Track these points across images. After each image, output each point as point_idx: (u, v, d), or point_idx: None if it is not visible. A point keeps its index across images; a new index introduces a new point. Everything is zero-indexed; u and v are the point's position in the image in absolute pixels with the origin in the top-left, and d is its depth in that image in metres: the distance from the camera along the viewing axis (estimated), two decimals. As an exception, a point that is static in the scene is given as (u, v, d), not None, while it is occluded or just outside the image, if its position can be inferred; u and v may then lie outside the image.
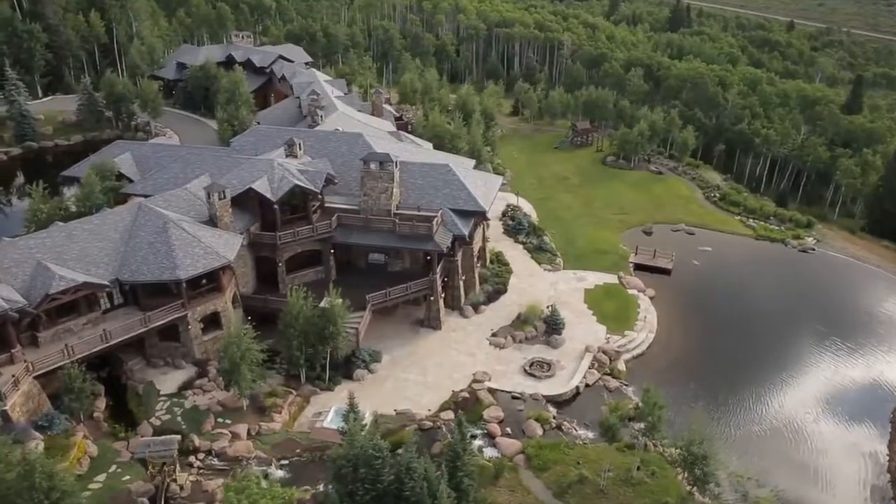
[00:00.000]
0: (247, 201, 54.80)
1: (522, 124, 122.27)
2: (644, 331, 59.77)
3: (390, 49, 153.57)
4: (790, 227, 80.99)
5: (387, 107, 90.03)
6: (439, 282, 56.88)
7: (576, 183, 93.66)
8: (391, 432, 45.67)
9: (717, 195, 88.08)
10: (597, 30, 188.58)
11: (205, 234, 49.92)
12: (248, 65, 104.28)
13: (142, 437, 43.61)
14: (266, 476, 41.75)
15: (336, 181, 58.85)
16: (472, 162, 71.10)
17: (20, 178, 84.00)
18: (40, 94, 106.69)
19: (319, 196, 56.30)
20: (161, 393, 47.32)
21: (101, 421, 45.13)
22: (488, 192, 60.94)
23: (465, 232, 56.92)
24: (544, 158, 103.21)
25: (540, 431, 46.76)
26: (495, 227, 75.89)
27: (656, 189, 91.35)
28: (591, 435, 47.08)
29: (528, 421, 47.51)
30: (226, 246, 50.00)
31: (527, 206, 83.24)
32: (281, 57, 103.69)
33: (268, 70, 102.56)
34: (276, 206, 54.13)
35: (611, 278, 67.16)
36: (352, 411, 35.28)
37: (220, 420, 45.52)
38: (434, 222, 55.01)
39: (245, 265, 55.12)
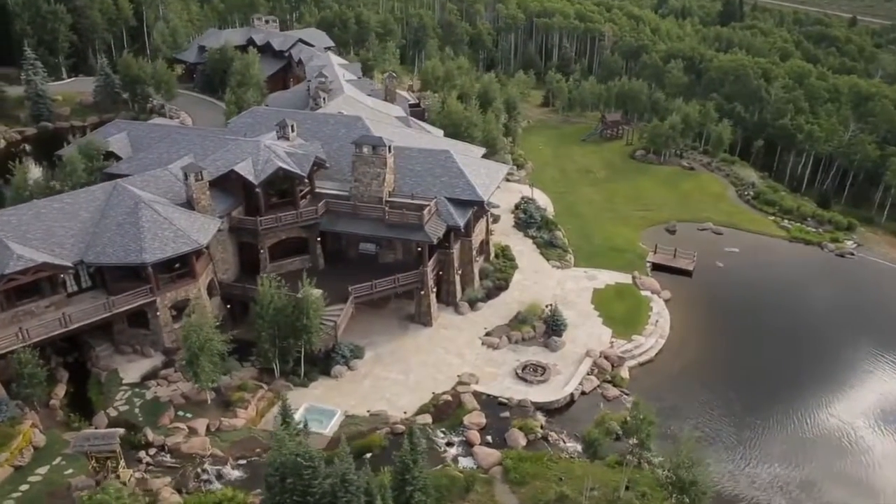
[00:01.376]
0: (230, 184, 52.08)
1: (552, 115, 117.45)
2: (654, 336, 54.99)
3: (423, 37, 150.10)
4: (829, 229, 74.60)
5: (402, 92, 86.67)
6: (431, 275, 53.20)
7: (600, 177, 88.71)
8: (361, 435, 42.44)
9: (751, 193, 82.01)
10: (641, 21, 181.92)
11: (179, 216, 47.29)
12: (267, 49, 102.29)
13: (96, 427, 41.31)
14: (219, 476, 39.08)
15: (327, 165, 55.74)
16: (482, 150, 67.09)
17: (31, 158, 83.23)
18: (64, 75, 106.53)
19: (306, 180, 53.13)
20: (124, 382, 45.00)
21: (56, 409, 42.98)
22: (490, 181, 56.95)
23: (461, 223, 53.16)
24: (570, 151, 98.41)
25: (523, 442, 42.84)
26: (506, 221, 71.91)
27: (685, 185, 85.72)
28: (580, 448, 42.78)
29: (511, 430, 43.57)
30: (200, 230, 47.29)
31: (543, 200, 78.90)
32: (301, 41, 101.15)
33: (286, 54, 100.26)
34: (258, 190, 51.26)
35: (624, 278, 62.43)
36: (285, 413, 31.88)
37: (180, 414, 42.86)
38: (425, 211, 51.35)
39: (225, 251, 52.42)
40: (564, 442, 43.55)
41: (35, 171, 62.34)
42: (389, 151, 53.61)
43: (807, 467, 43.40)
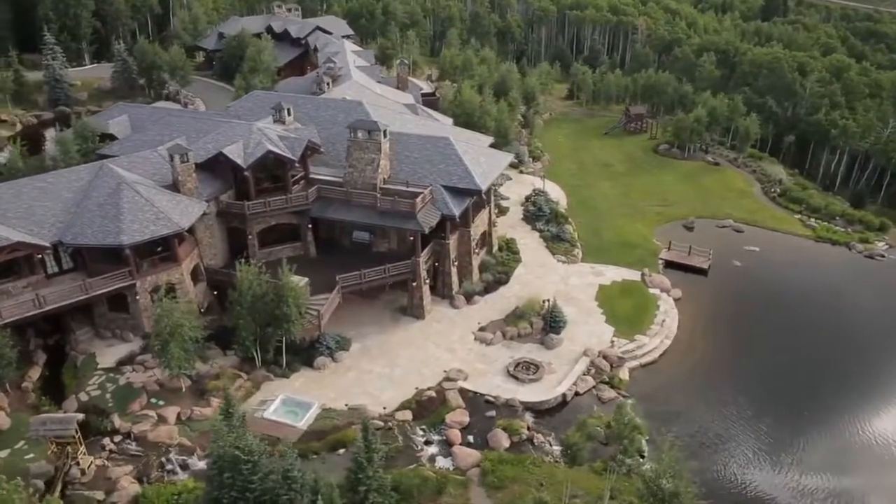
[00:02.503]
0: (219, 167, 50.69)
1: (576, 108, 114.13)
2: (659, 336, 52.02)
3: (449, 28, 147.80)
4: (859, 229, 70.27)
5: (417, 81, 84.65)
6: (423, 266, 51.07)
7: (619, 171, 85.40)
8: (336, 429, 40.59)
9: (777, 190, 77.93)
10: (677, 15, 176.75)
11: (161, 198, 46.02)
12: (286, 36, 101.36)
13: (65, 412, 40.21)
14: (185, 467, 37.63)
15: (321, 150, 54.07)
16: (489, 139, 64.70)
17: (46, 141, 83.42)
18: (87, 61, 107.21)
19: (297, 164, 51.43)
20: (99, 367, 43.87)
21: (29, 392, 42.08)
22: (490, 170, 54.60)
23: (456, 212, 50.90)
24: (591, 144, 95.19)
25: (506, 443, 40.49)
26: (515, 213, 69.45)
27: (708, 181, 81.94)
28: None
29: (494, 430, 41.25)
30: (183, 213, 45.94)
31: (557, 193, 76.07)
32: (319, 28, 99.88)
33: (303, 41, 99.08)
34: (246, 173, 49.75)
35: (633, 275, 59.44)
36: (228, 404, 30.09)
37: (152, 401, 41.56)
38: (418, 199, 49.22)
39: (213, 236, 51.08)
40: (551, 445, 40.99)
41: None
42: (385, 136, 51.67)
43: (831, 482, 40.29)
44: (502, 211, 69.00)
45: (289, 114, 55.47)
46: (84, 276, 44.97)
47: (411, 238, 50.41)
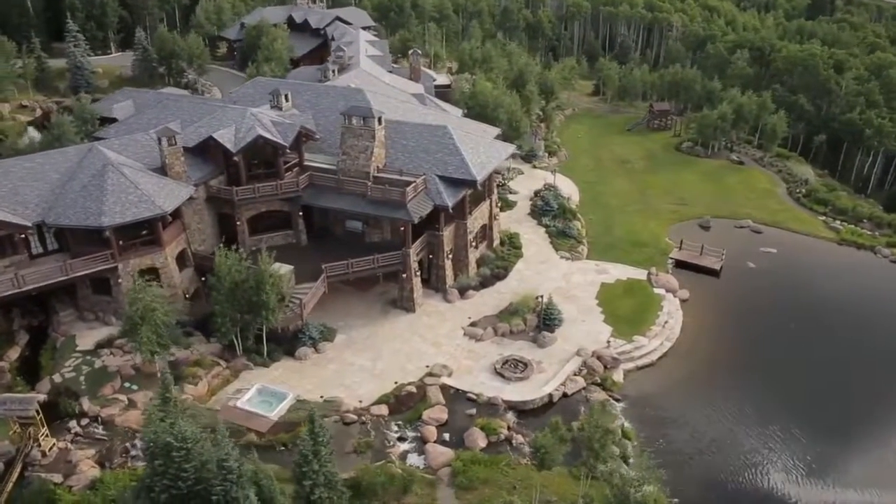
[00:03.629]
0: (210, 152, 50.04)
1: (601, 104, 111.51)
2: (660, 338, 49.65)
3: (479, 22, 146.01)
4: (887, 233, 66.49)
5: (429, 71, 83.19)
6: (415, 257, 49.58)
7: (638, 168, 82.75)
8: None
9: (802, 191, 74.36)
10: (715, 12, 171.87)
11: (147, 181, 45.40)
12: (306, 27, 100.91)
13: (37, 393, 39.80)
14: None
15: (316, 137, 53.03)
16: (495, 131, 62.91)
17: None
18: (113, 50, 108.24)
19: (288, 150, 50.39)
20: (78, 348, 43.40)
21: (5, 371, 41.77)
22: (488, 160, 52.81)
23: (449, 202, 49.25)
24: (611, 140, 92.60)
25: (483, 443, 38.74)
26: (523, 207, 67.55)
27: (730, 180, 78.75)
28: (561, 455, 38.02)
29: (471, 429, 39.54)
30: (167, 196, 45.25)
31: (570, 188, 74.04)
32: (338, 19, 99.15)
33: (323, 32, 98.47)
34: (236, 158, 48.91)
35: (639, 274, 57.10)
36: (165, 388, 28.96)
37: (126, 385, 40.88)
38: (409, 188, 47.74)
39: (202, 221, 50.42)
40: (531, 447, 39.08)
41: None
42: (379, 123, 50.33)
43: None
44: (509, 205, 67.22)
45: (287, 100, 54.49)
46: (68, 258, 44.63)
47: (402, 228, 48.94)
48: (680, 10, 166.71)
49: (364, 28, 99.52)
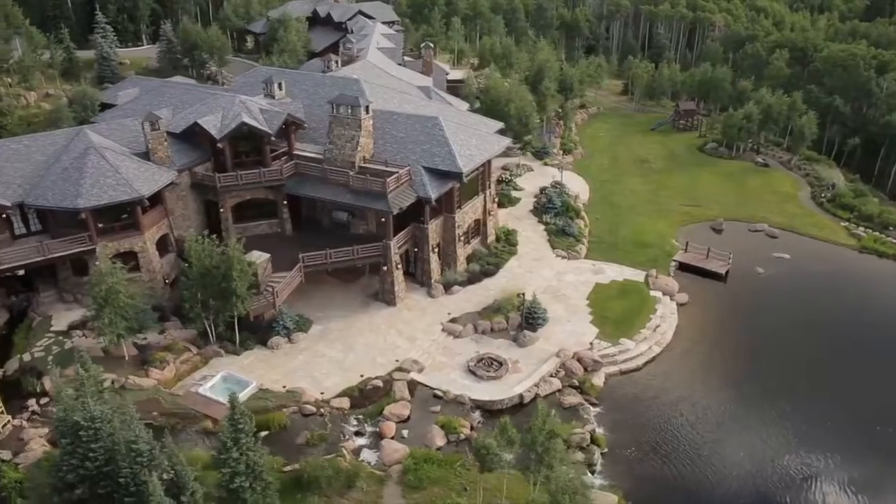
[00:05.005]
0: (197, 138, 49.94)
1: (629, 104, 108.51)
2: (648, 342, 47.45)
3: (512, 20, 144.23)
4: (916, 242, 62.55)
5: (442, 65, 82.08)
6: (396, 249, 48.51)
7: (656, 168, 79.95)
8: (264, 411, 38.69)
9: (827, 196, 70.57)
10: (763, 13, 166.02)
11: (128, 165, 45.52)
12: (329, 21, 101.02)
13: (4, 372, 40.31)
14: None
15: (305, 126, 52.51)
16: (497, 125, 61.46)
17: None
18: (145, 42, 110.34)
19: (273, 138, 49.89)
20: (52, 329, 43.76)
21: (-22, 348, 42.38)
22: (479, 153, 51.37)
23: (433, 194, 48.05)
24: (632, 140, 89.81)
25: (441, 442, 37.53)
26: (526, 204, 65.84)
27: (751, 182, 75.36)
28: (508, 457, 36.50)
29: (431, 427, 38.27)
30: (146, 181, 45.26)
31: (581, 187, 71.98)
32: (361, 13, 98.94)
33: (344, 25, 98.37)
34: (220, 145, 48.69)
35: (638, 275, 54.84)
36: (83, 366, 28.48)
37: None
38: (390, 179, 46.70)
39: (187, 207, 50.38)
40: (472, 447, 37.51)
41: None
42: (367, 112, 49.49)
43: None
44: (512, 201, 65.60)
45: (280, 88, 54.15)
46: (49, 239, 45.04)
47: (382, 220, 47.94)
48: (725, 9, 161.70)
49: (387, 23, 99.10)
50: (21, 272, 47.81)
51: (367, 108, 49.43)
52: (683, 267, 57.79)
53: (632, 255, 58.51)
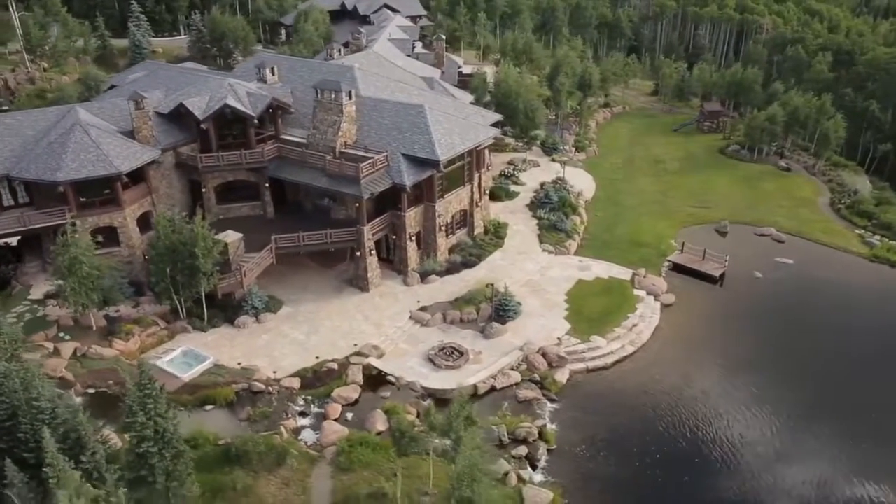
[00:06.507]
0: (185, 119, 50.88)
1: (657, 104, 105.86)
2: (621, 341, 46.01)
3: (551, 18, 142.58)
4: (934, 252, 58.89)
5: (455, 58, 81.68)
6: (369, 235, 48.36)
7: (670, 169, 77.69)
8: (213, 386, 39.19)
9: (846, 202, 67.24)
10: (817, 16, 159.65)
11: (110, 142, 46.73)
12: (355, 14, 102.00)
13: (-24, 336, 41.60)
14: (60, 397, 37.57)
15: (291, 110, 53.00)
16: (497, 117, 60.82)
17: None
18: (182, 32, 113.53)
19: (256, 121, 50.40)
20: (29, 297, 45.25)
21: (-47, 314, 43.98)
22: (460, 142, 50.81)
23: (407, 182, 47.74)
24: (653, 140, 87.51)
25: (382, 427, 37.12)
26: (524, 199, 64.89)
27: (767, 186, 72.43)
28: (436, 441, 35.12)
29: (374, 411, 37.97)
30: (127, 158, 46.38)
31: (587, 184, 70.62)
32: (386, 6, 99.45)
33: (369, 18, 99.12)
34: (203, 126, 49.51)
35: (626, 273, 53.31)
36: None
37: (60, 335, 42.16)
38: (364, 164, 46.63)
39: (171, 186, 51.40)
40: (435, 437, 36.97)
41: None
42: (349, 98, 49.60)
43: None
44: (510, 195, 64.72)
45: (273, 73, 54.81)
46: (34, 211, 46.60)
47: (356, 205, 47.92)
48: (775, 12, 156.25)
49: (412, 17, 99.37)
50: (14, 243, 49.86)
51: (349, 93, 49.53)
52: (677, 268, 55.92)
53: (625, 253, 56.93)
